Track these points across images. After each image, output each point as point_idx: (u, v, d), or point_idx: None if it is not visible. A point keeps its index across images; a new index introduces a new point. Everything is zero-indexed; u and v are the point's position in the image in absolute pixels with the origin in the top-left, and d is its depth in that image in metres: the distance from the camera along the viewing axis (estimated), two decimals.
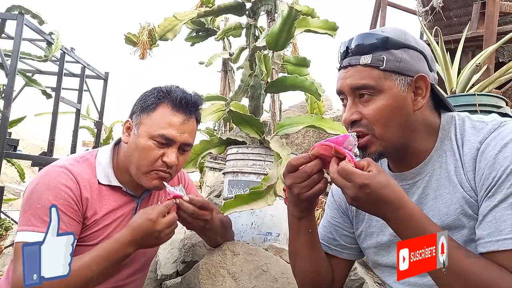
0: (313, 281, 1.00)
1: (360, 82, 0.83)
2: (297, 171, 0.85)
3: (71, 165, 1.12)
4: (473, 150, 0.80)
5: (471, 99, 1.74)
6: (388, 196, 0.74)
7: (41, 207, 1.03)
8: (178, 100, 1.14)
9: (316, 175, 0.84)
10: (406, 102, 0.83)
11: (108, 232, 1.15)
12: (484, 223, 0.74)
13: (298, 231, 0.95)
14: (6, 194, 6.38)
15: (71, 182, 1.09)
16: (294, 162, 0.85)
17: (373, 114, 0.83)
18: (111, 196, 1.17)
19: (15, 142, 3.51)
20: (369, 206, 0.78)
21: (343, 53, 0.89)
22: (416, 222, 0.74)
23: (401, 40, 0.83)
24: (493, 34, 3.16)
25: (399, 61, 0.82)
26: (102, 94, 4.85)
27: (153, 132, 1.11)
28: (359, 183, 0.74)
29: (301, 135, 2.62)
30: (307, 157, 0.85)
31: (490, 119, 0.83)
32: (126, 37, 1.64)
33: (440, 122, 0.89)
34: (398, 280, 0.77)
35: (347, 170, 0.76)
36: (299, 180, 0.85)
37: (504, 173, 0.73)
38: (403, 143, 0.86)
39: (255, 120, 1.57)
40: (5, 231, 3.56)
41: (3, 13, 3.25)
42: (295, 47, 2.13)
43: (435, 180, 0.86)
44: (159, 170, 1.13)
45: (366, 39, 0.85)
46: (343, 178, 0.76)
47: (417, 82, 0.83)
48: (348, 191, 0.76)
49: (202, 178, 4.61)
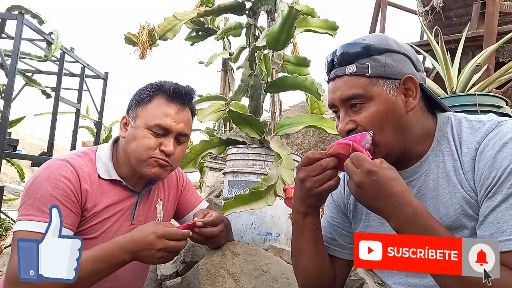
0: (315, 280, 0.99)
1: (349, 92, 0.84)
2: (312, 165, 0.86)
3: (72, 158, 1.15)
4: (472, 150, 0.80)
5: (471, 99, 1.74)
6: (394, 188, 0.74)
7: (39, 197, 1.05)
8: (172, 90, 1.18)
9: (330, 171, 0.85)
10: (398, 105, 0.84)
11: (108, 225, 1.16)
12: (485, 224, 0.74)
13: (302, 228, 0.95)
14: (6, 194, 6.38)
15: (71, 174, 1.10)
16: (311, 155, 0.86)
17: (367, 121, 0.84)
18: (111, 190, 1.19)
19: (15, 142, 3.50)
20: (372, 198, 0.77)
21: (329, 65, 0.90)
22: (421, 220, 0.73)
23: (382, 46, 0.84)
24: (493, 34, 3.16)
25: (383, 66, 0.83)
26: (101, 94, 4.85)
27: (150, 123, 1.15)
28: (367, 168, 0.75)
29: (301, 135, 2.62)
30: (324, 153, 0.86)
31: (487, 119, 0.83)
32: (126, 37, 1.64)
33: (436, 123, 0.89)
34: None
35: (359, 156, 0.78)
36: (313, 173, 0.85)
37: (504, 172, 0.73)
38: (401, 146, 0.86)
39: (255, 120, 1.57)
40: (5, 231, 3.56)
41: (3, 13, 3.25)
42: (295, 47, 2.13)
43: (431, 180, 0.86)
44: (159, 158, 1.15)
45: (348, 48, 0.86)
46: (353, 164, 0.78)
47: (405, 83, 0.84)
48: (355, 177, 0.77)
49: (202, 178, 4.61)
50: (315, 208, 0.92)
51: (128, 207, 1.22)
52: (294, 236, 0.98)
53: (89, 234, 1.14)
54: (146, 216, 1.27)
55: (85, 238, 1.13)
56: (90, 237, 1.14)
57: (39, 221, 1.03)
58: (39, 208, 1.04)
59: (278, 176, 1.38)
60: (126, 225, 1.21)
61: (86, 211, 1.13)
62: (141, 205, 1.25)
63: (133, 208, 1.23)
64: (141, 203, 1.25)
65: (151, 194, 1.29)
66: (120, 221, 1.19)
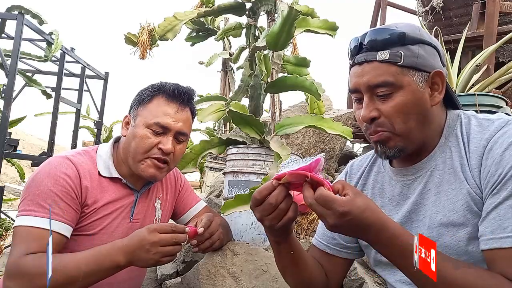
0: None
1: (378, 79, 0.82)
2: (262, 204, 0.80)
3: (73, 156, 1.17)
4: (480, 148, 0.80)
5: (471, 99, 1.75)
6: (369, 219, 0.73)
7: (39, 193, 1.06)
8: (171, 90, 1.21)
9: (283, 204, 0.79)
10: (424, 97, 0.83)
11: (107, 222, 1.18)
12: (487, 220, 0.74)
13: (279, 252, 0.94)
14: (6, 194, 6.37)
15: (71, 171, 1.12)
16: (258, 196, 0.80)
17: (393, 111, 0.82)
18: (111, 187, 1.20)
19: (15, 142, 3.50)
20: (350, 232, 0.77)
21: (355, 48, 0.86)
22: (400, 240, 0.73)
23: (417, 36, 0.82)
24: (493, 34, 3.16)
25: (416, 57, 0.81)
26: (102, 94, 4.84)
27: (149, 121, 1.17)
28: (340, 211, 0.71)
29: (301, 135, 2.62)
30: (270, 187, 0.79)
31: (496, 117, 0.83)
32: (126, 37, 1.64)
33: (446, 119, 0.89)
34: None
35: (327, 197, 0.72)
36: (266, 213, 0.80)
37: (510, 170, 0.73)
38: (420, 139, 0.86)
39: (255, 120, 1.57)
40: (5, 231, 3.56)
41: (3, 13, 3.25)
42: (295, 47, 2.13)
43: (437, 175, 0.86)
44: (155, 157, 1.17)
45: (381, 34, 0.83)
46: (322, 206, 0.73)
47: (433, 77, 0.83)
48: (329, 219, 0.73)
49: (202, 178, 4.61)
50: (285, 236, 0.90)
51: (127, 205, 1.23)
52: (275, 258, 0.98)
53: (89, 230, 1.15)
54: (145, 215, 1.28)
55: (84, 234, 1.14)
56: (90, 233, 1.15)
57: (39, 216, 1.04)
58: (39, 204, 1.05)
59: None
60: (125, 223, 1.22)
61: (86, 207, 1.14)
62: (140, 204, 1.26)
63: (132, 206, 1.24)
64: (140, 201, 1.26)
65: (150, 193, 1.31)
66: (119, 218, 1.20)
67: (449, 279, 0.71)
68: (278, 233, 0.87)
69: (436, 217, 0.83)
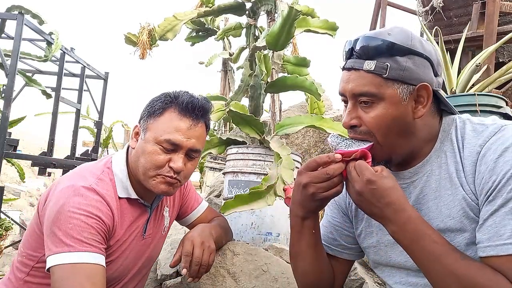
0: (315, 282, 0.99)
1: (362, 89, 0.83)
2: (317, 170, 0.84)
3: (96, 184, 1.08)
4: (474, 154, 0.80)
5: (471, 99, 1.74)
6: (391, 196, 0.77)
7: (72, 227, 0.99)
8: (185, 104, 1.11)
9: (337, 178, 0.84)
10: (407, 111, 0.83)
11: (125, 246, 1.14)
12: (484, 227, 0.74)
13: (300, 231, 0.94)
14: (6, 194, 6.38)
15: (101, 204, 1.05)
16: (319, 160, 0.84)
17: (372, 121, 0.83)
18: (129, 209, 1.15)
19: (15, 142, 3.50)
20: (371, 205, 0.79)
21: (347, 53, 0.87)
22: (414, 225, 0.76)
23: (407, 46, 0.81)
24: (493, 34, 3.16)
25: (403, 70, 0.81)
26: (102, 94, 4.84)
27: (159, 137, 1.08)
28: (367, 177, 0.78)
29: (301, 135, 2.62)
30: (332, 157, 0.84)
31: (491, 122, 0.83)
32: (126, 37, 1.64)
33: (441, 125, 0.89)
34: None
35: (361, 164, 0.81)
36: (317, 180, 0.84)
37: (504, 177, 0.73)
38: (405, 149, 0.87)
39: (255, 120, 1.57)
40: (5, 231, 3.55)
41: (3, 13, 3.25)
42: (295, 47, 2.13)
43: (434, 180, 0.86)
44: (166, 175, 1.10)
45: (371, 41, 0.83)
46: (356, 172, 0.81)
47: (419, 91, 0.83)
48: (356, 184, 0.80)
49: (202, 178, 4.61)
50: (315, 212, 0.91)
51: (142, 223, 1.19)
52: (292, 240, 0.97)
53: (109, 257, 1.09)
54: (156, 227, 1.26)
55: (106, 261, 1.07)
56: (109, 260, 1.09)
57: (76, 251, 0.97)
58: (74, 238, 0.98)
59: (278, 176, 1.38)
60: (138, 241, 1.19)
61: (112, 239, 1.09)
62: (152, 219, 1.23)
63: (145, 223, 1.20)
64: (152, 216, 1.23)
65: (159, 208, 1.27)
66: (135, 238, 1.16)
67: (452, 267, 0.73)
68: (314, 205, 0.88)
69: (433, 223, 0.83)
